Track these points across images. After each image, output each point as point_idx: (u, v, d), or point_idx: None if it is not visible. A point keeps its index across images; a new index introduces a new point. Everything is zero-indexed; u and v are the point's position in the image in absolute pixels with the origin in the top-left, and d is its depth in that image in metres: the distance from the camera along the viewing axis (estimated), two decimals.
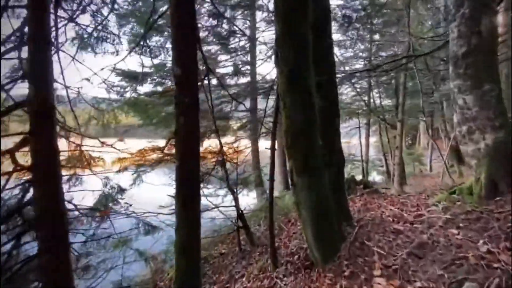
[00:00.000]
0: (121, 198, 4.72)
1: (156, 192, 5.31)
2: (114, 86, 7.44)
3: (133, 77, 7.04)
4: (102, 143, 4.80)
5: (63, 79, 3.63)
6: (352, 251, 2.25)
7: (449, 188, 4.11)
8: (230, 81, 9.04)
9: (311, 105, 2.27)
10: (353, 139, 13.16)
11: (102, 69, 3.52)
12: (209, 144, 4.46)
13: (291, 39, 2.18)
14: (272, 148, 2.78)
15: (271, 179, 2.73)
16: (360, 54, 11.52)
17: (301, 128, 2.30)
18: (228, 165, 4.35)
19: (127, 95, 7.23)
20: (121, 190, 5.02)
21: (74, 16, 3.72)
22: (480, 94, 2.83)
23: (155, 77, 7.79)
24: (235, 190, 4.06)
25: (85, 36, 4.01)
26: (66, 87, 3.74)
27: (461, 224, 2.40)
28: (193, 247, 1.91)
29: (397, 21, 8.95)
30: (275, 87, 2.44)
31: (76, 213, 4.03)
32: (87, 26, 3.75)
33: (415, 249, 2.10)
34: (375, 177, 13.65)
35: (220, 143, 4.08)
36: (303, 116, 2.26)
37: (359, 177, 9.69)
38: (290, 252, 2.87)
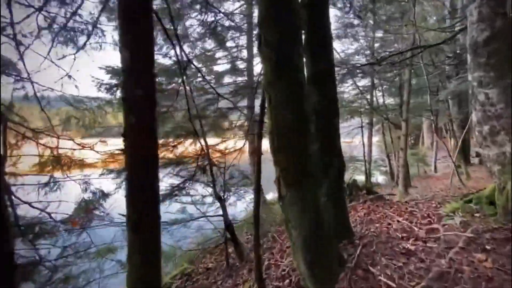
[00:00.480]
0: (100, 205, 4.34)
1: None
2: (103, 84, 7.12)
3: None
4: (80, 144, 4.42)
5: (28, 74, 3.24)
6: (353, 282, 1.82)
7: (462, 195, 3.67)
8: (229, 79, 8.64)
9: (303, 99, 1.84)
10: (355, 139, 12.71)
11: (59, 58, 3.10)
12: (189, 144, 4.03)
13: (277, 19, 1.75)
14: (258, 151, 2.35)
15: (257, 190, 2.29)
16: (362, 51, 11.04)
17: (291, 128, 1.86)
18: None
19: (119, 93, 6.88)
20: (104, 195, 4.64)
21: (41, 5, 3.31)
22: (505, 87, 2.39)
23: None
24: (222, 198, 3.63)
25: (56, 28, 3.58)
26: (32, 83, 3.34)
27: (487, 246, 1.97)
28: (150, 282, 1.49)
29: (401, 15, 8.51)
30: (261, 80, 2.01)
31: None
32: (56, 14, 3.33)
33: (433, 282, 1.67)
34: (377, 177, 13.22)
35: (207, 145, 3.67)
36: (293, 112, 1.83)
37: (361, 178, 9.26)
38: (280, 274, 2.45)
